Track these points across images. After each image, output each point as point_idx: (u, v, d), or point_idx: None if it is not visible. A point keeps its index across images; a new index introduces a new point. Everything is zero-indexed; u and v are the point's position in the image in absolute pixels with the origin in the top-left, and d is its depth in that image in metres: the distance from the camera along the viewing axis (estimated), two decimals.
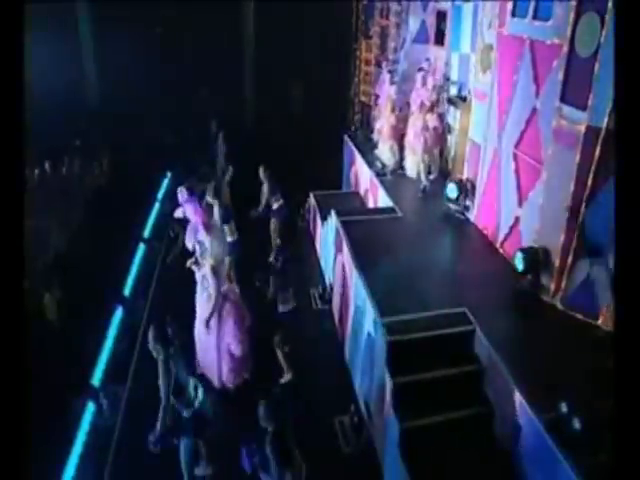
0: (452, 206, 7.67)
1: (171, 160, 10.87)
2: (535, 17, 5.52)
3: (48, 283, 7.19)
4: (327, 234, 8.08)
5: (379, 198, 8.72)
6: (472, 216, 7.59)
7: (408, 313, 5.40)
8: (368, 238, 6.89)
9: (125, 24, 12.43)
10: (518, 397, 4.36)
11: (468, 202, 7.67)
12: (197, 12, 12.64)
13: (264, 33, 13.59)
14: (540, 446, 4.06)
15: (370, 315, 5.54)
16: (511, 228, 6.44)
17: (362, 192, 9.98)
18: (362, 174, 9.92)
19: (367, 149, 10.13)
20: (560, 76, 5.11)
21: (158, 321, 4.47)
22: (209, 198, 6.69)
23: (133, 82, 12.79)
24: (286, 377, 6.17)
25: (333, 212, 7.50)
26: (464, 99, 7.89)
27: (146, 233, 9.03)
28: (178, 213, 5.47)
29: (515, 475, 4.43)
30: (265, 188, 8.08)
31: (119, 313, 6.86)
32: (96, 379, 5.90)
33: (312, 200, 9.64)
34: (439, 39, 8.83)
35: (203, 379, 5.11)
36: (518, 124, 5.98)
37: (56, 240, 8.18)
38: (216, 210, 5.96)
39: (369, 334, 5.65)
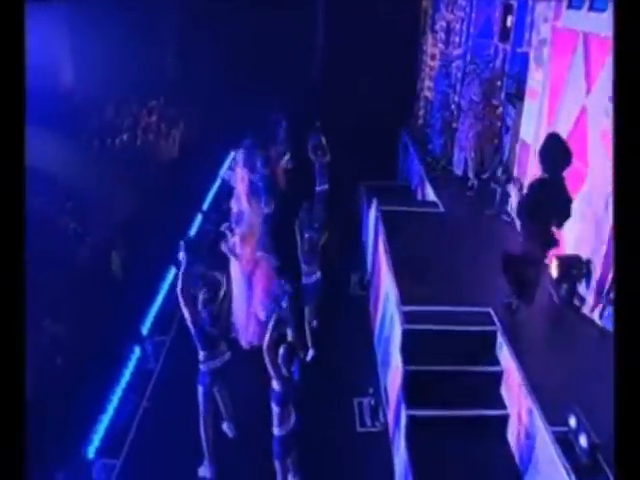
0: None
1: (235, 142, 11.52)
2: (591, 8, 5.24)
3: (115, 240, 8.04)
4: (369, 222, 8.24)
5: (427, 192, 8.71)
6: None
7: (430, 305, 5.48)
8: (404, 229, 7.01)
9: (206, 17, 13.14)
10: (531, 405, 4.26)
11: (516, 204, 7.47)
12: (270, 6, 13.12)
13: (333, 28, 13.83)
14: (546, 458, 3.98)
15: (393, 301, 5.67)
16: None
17: (413, 186, 10.00)
18: (413, 168, 9.92)
19: (421, 144, 10.10)
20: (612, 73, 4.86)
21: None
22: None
23: (209, 72, 13.49)
24: (310, 353, 6.47)
25: (374, 200, 7.65)
26: (522, 97, 7.65)
27: (205, 205, 9.71)
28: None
29: None
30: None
31: (171, 274, 7.50)
32: (145, 328, 6.61)
33: (362, 190, 9.81)
34: (504, 34, 8.56)
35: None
36: (566, 124, 5.76)
37: (126, 203, 9.03)
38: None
39: (391, 320, 5.78)
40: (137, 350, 6.25)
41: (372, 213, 7.95)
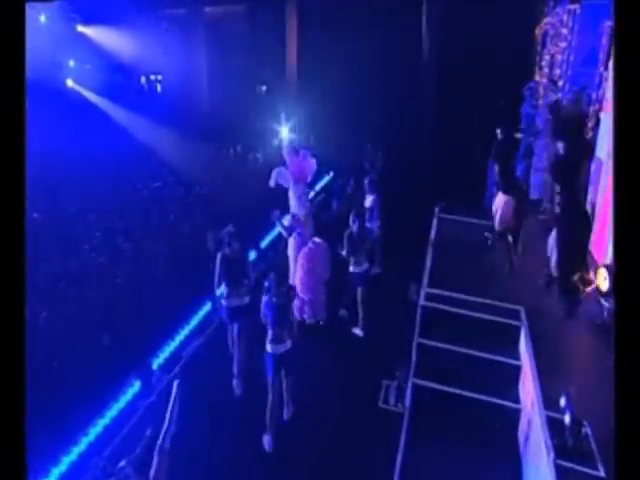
0: None
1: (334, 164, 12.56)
2: None
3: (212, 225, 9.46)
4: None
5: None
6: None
7: (461, 293, 5.67)
8: (455, 234, 7.32)
9: (329, 32, 14.64)
10: (534, 395, 4.19)
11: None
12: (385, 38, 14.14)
13: (446, 66, 14.45)
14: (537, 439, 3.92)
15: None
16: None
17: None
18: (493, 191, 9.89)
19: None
20: None
21: None
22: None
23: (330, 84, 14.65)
24: (359, 333, 6.69)
25: (437, 208, 7.94)
26: None
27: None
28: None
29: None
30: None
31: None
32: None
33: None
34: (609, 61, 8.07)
35: None
36: None
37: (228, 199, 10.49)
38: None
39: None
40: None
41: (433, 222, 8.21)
